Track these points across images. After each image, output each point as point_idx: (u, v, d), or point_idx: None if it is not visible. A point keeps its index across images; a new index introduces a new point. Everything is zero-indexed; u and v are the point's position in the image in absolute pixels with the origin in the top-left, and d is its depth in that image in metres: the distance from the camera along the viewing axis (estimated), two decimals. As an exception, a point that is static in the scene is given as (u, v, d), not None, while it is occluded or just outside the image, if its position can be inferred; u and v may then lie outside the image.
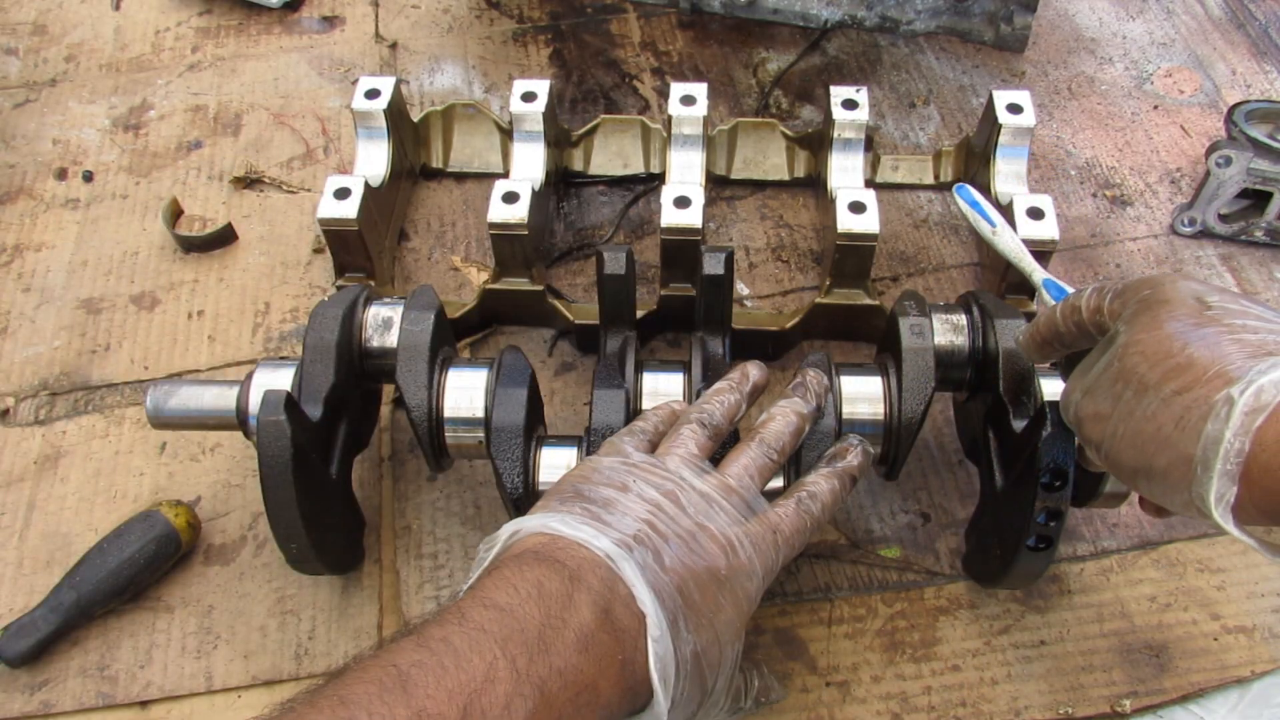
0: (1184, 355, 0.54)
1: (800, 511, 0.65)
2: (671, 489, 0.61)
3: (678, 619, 0.55)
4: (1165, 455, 0.54)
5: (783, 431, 0.69)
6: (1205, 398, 0.52)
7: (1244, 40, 1.26)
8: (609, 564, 0.54)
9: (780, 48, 1.25)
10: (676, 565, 0.56)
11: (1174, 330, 0.55)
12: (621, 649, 0.52)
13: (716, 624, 0.57)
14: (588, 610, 0.51)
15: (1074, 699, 0.79)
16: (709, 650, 0.57)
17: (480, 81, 1.23)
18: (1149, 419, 0.54)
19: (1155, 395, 0.54)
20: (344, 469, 0.81)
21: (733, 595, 0.59)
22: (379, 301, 0.82)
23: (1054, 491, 0.68)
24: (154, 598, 0.84)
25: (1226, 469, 0.50)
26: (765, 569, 0.62)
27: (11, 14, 1.32)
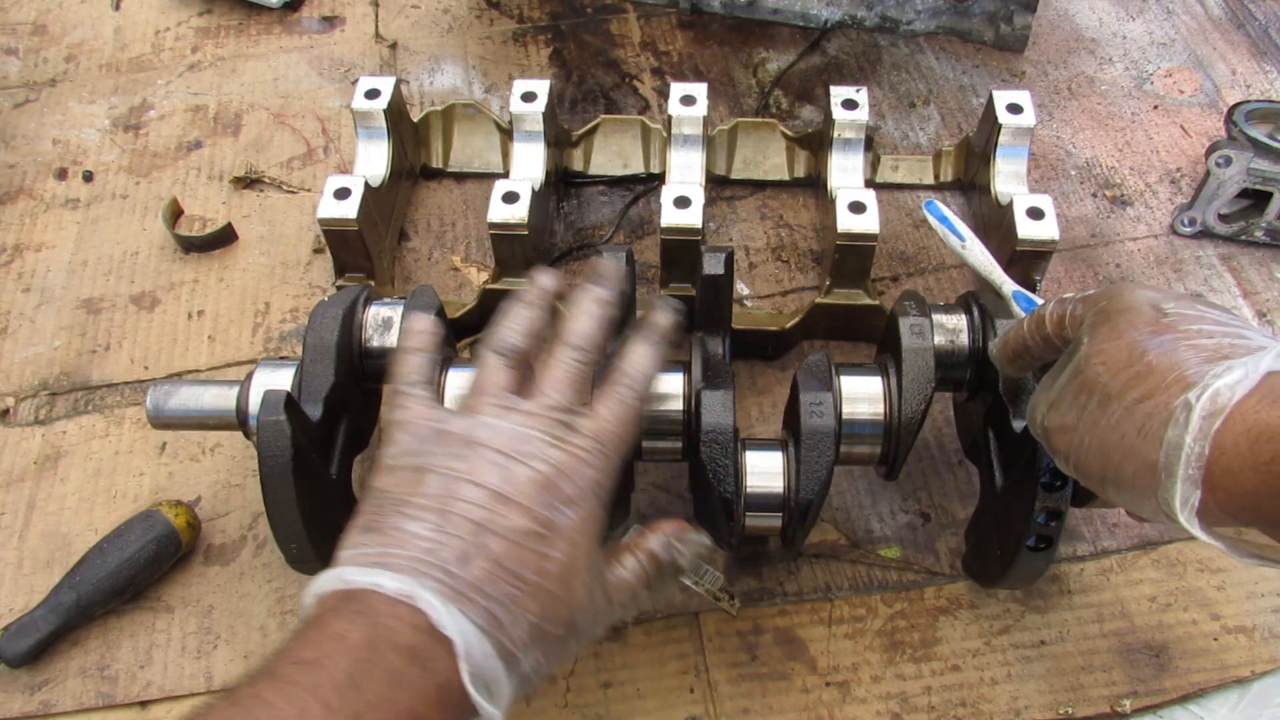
0: (1143, 363, 0.54)
1: (618, 400, 0.62)
2: (463, 463, 0.58)
3: (495, 611, 0.54)
4: (1131, 463, 0.54)
5: (587, 328, 0.64)
6: (1165, 404, 0.52)
7: (1244, 40, 1.26)
8: (405, 601, 0.53)
9: (780, 48, 1.25)
10: (480, 562, 0.55)
11: (1133, 339, 0.56)
12: (435, 674, 0.52)
13: (550, 580, 0.56)
14: (391, 653, 0.51)
15: (1074, 699, 0.79)
16: (551, 609, 0.56)
17: (480, 81, 1.23)
18: (1113, 428, 0.55)
19: (1118, 404, 0.55)
20: (344, 469, 0.81)
21: (565, 535, 0.57)
22: (379, 301, 0.82)
23: (1054, 491, 0.68)
24: (154, 598, 0.84)
25: (1189, 474, 0.51)
26: (597, 481, 0.59)
27: (11, 14, 1.32)
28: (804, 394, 0.75)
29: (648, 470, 0.91)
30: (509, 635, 0.54)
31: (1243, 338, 0.55)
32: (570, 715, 0.79)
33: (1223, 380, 0.50)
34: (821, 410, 0.74)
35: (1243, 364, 0.51)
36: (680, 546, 0.64)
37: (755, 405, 0.95)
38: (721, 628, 0.83)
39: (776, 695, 0.79)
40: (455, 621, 0.52)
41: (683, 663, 0.81)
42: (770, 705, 0.79)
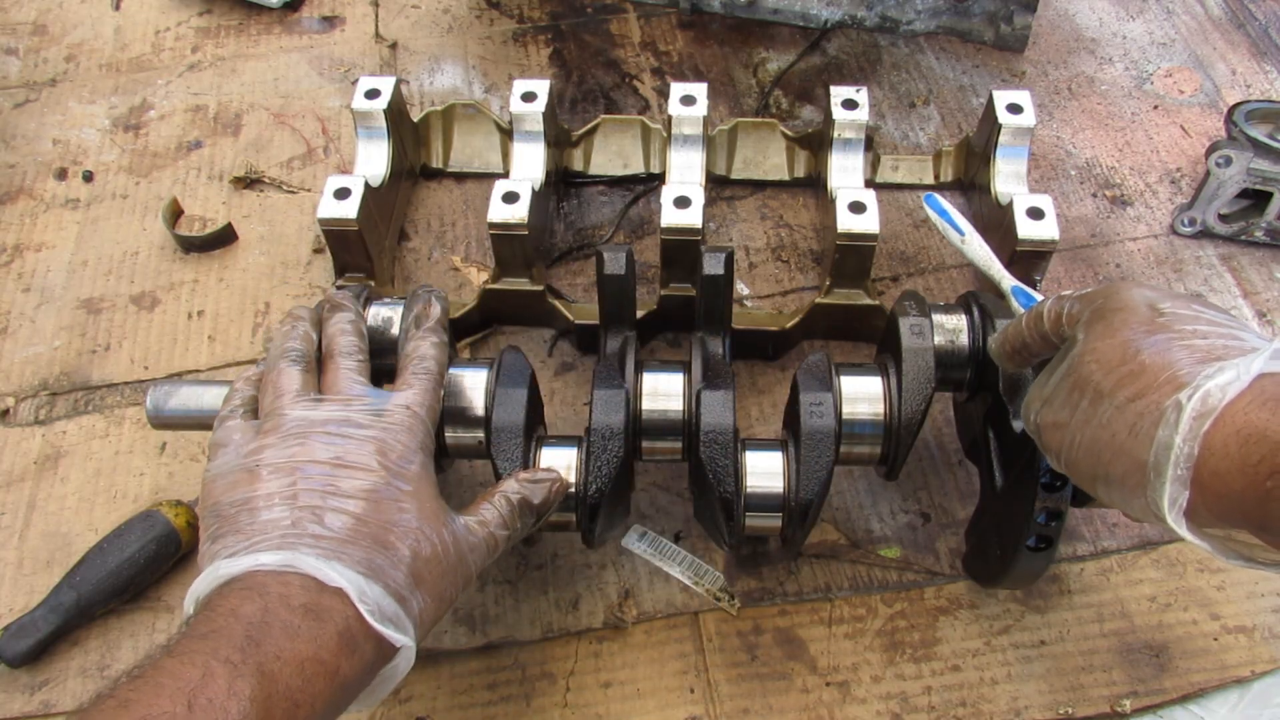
0: (1136, 362, 0.55)
1: (416, 376, 0.69)
2: (295, 449, 0.62)
3: (373, 559, 0.58)
4: (1121, 463, 0.54)
5: (348, 343, 0.71)
6: (1156, 404, 0.52)
7: (1244, 40, 1.26)
8: (288, 569, 0.56)
9: (780, 48, 1.25)
10: (341, 517, 0.59)
11: (1127, 338, 0.56)
12: (334, 622, 0.55)
13: (410, 525, 0.61)
14: (286, 612, 0.54)
15: (1074, 699, 0.79)
16: (420, 550, 0.60)
17: (480, 81, 1.23)
18: (1104, 426, 0.55)
19: (1110, 403, 0.55)
20: (344, 469, 0.81)
21: (409, 487, 0.62)
22: (379, 301, 0.82)
23: (1054, 491, 0.68)
24: (154, 598, 0.84)
25: (1177, 474, 0.51)
26: (421, 442, 0.66)
27: (11, 14, 1.32)
28: (804, 394, 0.75)
29: (648, 470, 0.91)
30: (391, 578, 0.58)
31: (1237, 339, 0.55)
32: (570, 715, 0.79)
33: (1214, 381, 0.50)
34: (821, 410, 0.74)
35: (1235, 365, 0.51)
36: (532, 485, 0.71)
37: (755, 405, 0.95)
38: (721, 628, 0.83)
39: (776, 695, 0.79)
40: (340, 573, 0.56)
41: (683, 663, 0.81)
42: (770, 705, 0.79)
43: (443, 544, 0.63)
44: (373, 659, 0.57)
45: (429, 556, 0.61)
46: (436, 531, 0.62)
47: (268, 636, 0.53)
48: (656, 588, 0.85)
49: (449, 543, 0.63)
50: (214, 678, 0.50)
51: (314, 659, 0.53)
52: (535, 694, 0.80)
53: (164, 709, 0.49)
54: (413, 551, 0.60)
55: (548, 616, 0.83)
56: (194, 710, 0.49)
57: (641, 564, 0.86)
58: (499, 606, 0.84)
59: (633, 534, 0.87)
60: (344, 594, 0.56)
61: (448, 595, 0.63)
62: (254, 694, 0.50)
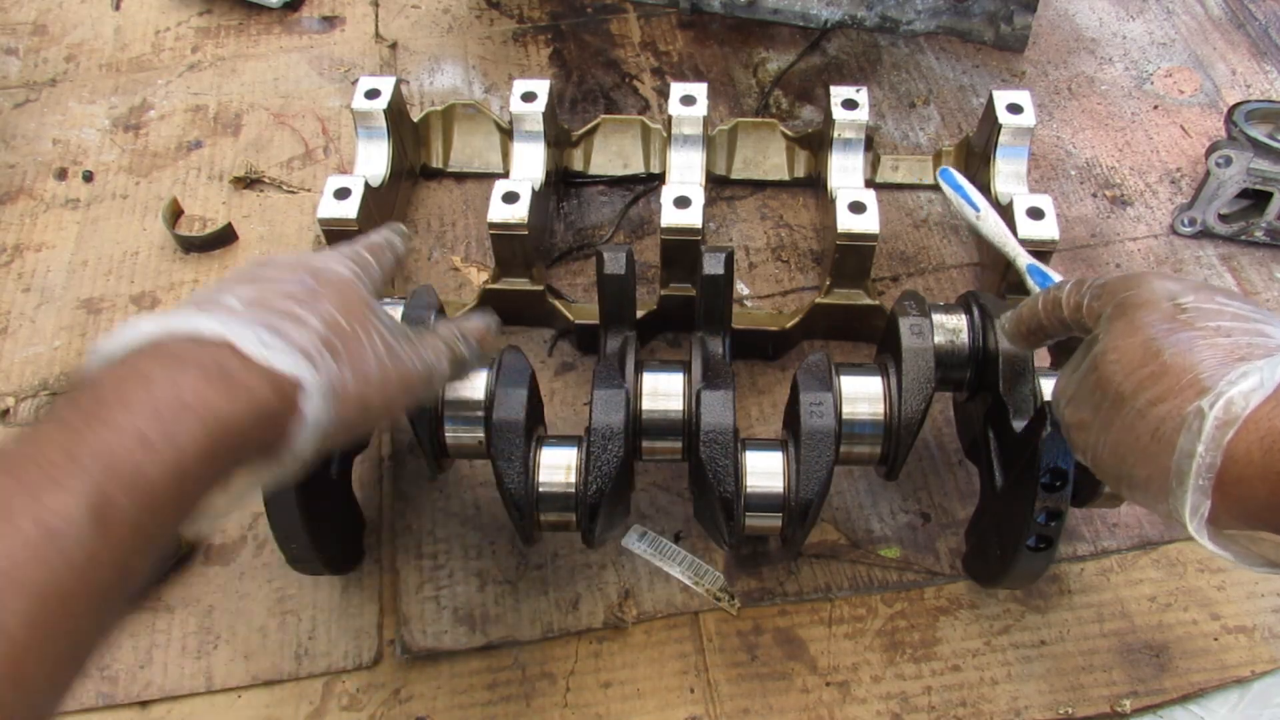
0: (1158, 364, 0.53)
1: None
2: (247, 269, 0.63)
3: (273, 322, 0.55)
4: (1144, 467, 0.54)
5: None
6: (1178, 410, 0.51)
7: (1244, 40, 1.26)
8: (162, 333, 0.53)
9: (780, 48, 1.25)
10: (249, 297, 0.57)
11: (1148, 337, 0.55)
12: (201, 368, 0.51)
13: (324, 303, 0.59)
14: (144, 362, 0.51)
15: (1074, 699, 0.79)
16: (339, 321, 0.58)
17: (480, 81, 1.23)
18: (1127, 429, 0.54)
19: (1132, 405, 0.54)
20: (344, 469, 0.81)
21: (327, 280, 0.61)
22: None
23: (1054, 491, 0.68)
24: (154, 598, 0.84)
25: (1199, 484, 0.50)
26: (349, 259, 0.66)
27: (11, 14, 1.32)
28: (804, 394, 0.75)
29: (648, 470, 0.91)
30: (292, 335, 0.55)
31: (1262, 334, 0.53)
32: (570, 715, 0.79)
33: (1237, 388, 0.49)
34: (821, 410, 0.74)
35: (1259, 369, 0.50)
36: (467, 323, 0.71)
37: (755, 405, 0.95)
38: (721, 628, 0.83)
39: (776, 695, 0.79)
40: (220, 322, 0.53)
41: (683, 663, 0.81)
42: (770, 705, 0.79)
43: (364, 336, 0.60)
44: (267, 400, 0.53)
45: (348, 334, 0.59)
46: (362, 325, 0.60)
47: (119, 394, 0.49)
48: (656, 588, 0.85)
49: (374, 339, 0.61)
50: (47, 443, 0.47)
51: (174, 401, 0.49)
52: (535, 694, 0.80)
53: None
54: (326, 323, 0.58)
55: (548, 616, 0.83)
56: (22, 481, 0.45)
57: (641, 564, 0.86)
58: (499, 606, 0.84)
59: (633, 534, 0.87)
60: (223, 341, 0.53)
61: (375, 381, 0.60)
62: (95, 449, 0.47)
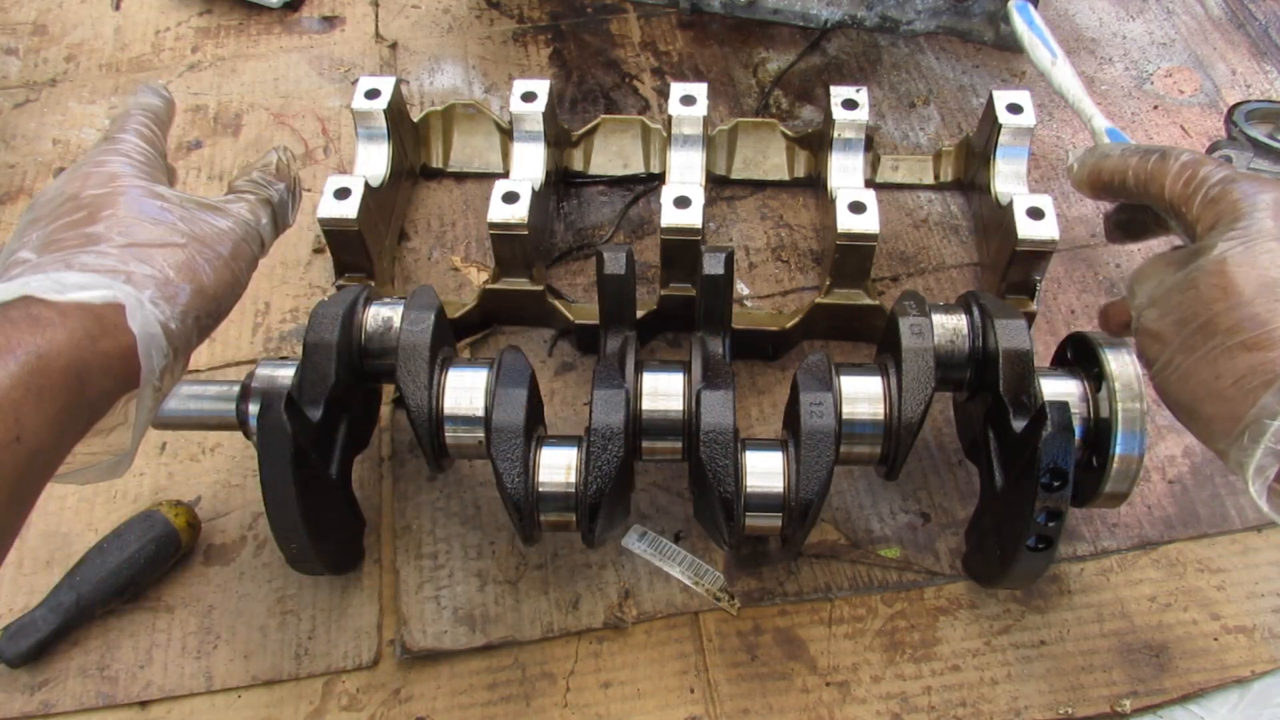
0: (1265, 307, 0.51)
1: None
2: None
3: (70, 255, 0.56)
4: (1214, 406, 0.52)
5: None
6: (1272, 364, 0.49)
7: (1244, 40, 1.26)
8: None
9: (780, 48, 1.25)
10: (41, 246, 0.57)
11: (1268, 279, 0.52)
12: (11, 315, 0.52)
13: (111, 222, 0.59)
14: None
15: (1074, 699, 0.79)
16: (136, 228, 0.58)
17: (480, 81, 1.23)
18: (1209, 363, 0.52)
19: (1223, 340, 0.52)
20: (344, 469, 0.81)
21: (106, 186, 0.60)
22: (379, 301, 0.82)
23: (1054, 491, 0.68)
24: (154, 598, 0.84)
25: (1274, 447, 0.48)
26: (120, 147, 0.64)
27: (11, 14, 1.32)
28: (804, 394, 0.75)
29: (648, 470, 0.91)
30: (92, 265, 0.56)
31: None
32: (570, 715, 0.79)
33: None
34: (821, 410, 0.74)
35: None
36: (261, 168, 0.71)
37: (755, 405, 0.95)
38: (721, 628, 0.83)
39: (776, 695, 0.79)
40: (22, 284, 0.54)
41: (683, 663, 0.81)
42: (770, 705, 0.79)
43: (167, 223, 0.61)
44: (87, 329, 0.54)
45: (148, 231, 0.59)
46: (152, 215, 0.61)
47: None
48: (656, 588, 0.85)
49: (171, 209, 0.61)
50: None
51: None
52: (535, 694, 0.80)
53: None
54: (120, 231, 0.58)
55: (548, 616, 0.83)
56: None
57: (641, 564, 0.86)
58: (499, 606, 0.84)
59: (633, 534, 0.87)
60: (21, 296, 0.53)
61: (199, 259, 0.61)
62: None
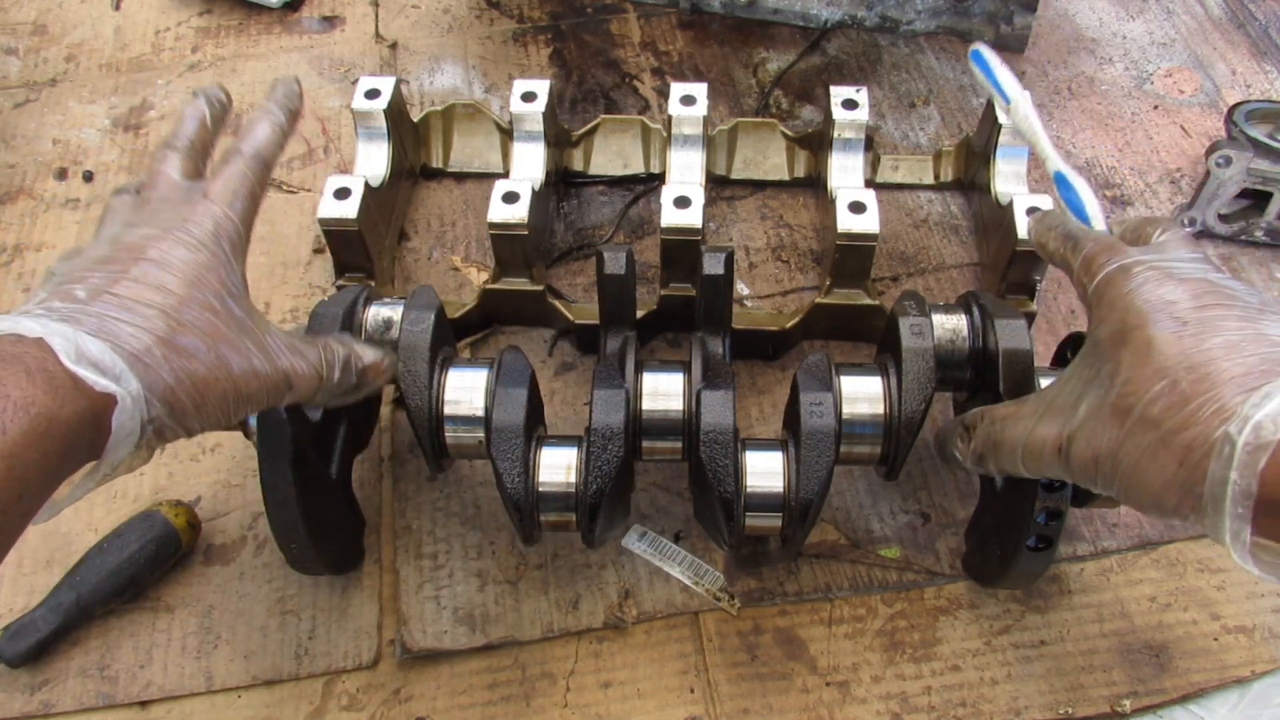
0: (1175, 394, 0.53)
1: (230, 163, 0.67)
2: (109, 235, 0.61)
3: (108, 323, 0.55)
4: (1174, 494, 0.53)
5: (266, 135, 0.70)
6: (1204, 436, 0.51)
7: (1244, 40, 1.26)
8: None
9: (780, 48, 1.25)
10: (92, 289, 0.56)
11: (1159, 366, 0.55)
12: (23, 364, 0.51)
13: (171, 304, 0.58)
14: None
15: (1074, 699, 0.79)
16: (180, 330, 0.57)
17: (480, 81, 1.23)
18: (1152, 458, 0.54)
19: (1155, 434, 0.54)
20: (344, 469, 0.81)
21: (182, 272, 0.59)
22: (379, 301, 0.82)
23: (1054, 491, 0.68)
24: (154, 598, 0.84)
25: (1237, 511, 0.50)
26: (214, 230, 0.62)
27: (11, 14, 1.32)
28: (804, 394, 0.75)
29: (648, 470, 0.91)
30: (123, 335, 0.55)
31: (1269, 341, 0.53)
32: (570, 715, 0.79)
33: (1264, 411, 0.49)
34: (821, 410, 0.74)
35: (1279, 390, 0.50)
36: (361, 348, 0.71)
37: (755, 405, 0.95)
38: (721, 628, 0.83)
39: (776, 695, 0.79)
40: (42, 324, 0.53)
41: (683, 663, 0.81)
42: (770, 705, 0.79)
43: (225, 335, 0.59)
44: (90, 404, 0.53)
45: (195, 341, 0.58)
46: (205, 317, 0.59)
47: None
48: (656, 588, 0.85)
49: (234, 333, 0.60)
50: None
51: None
52: (535, 694, 0.80)
53: None
54: (168, 325, 0.57)
55: (548, 616, 0.83)
56: None
57: (641, 564, 0.86)
58: (499, 606, 0.84)
59: (633, 534, 0.87)
60: (41, 342, 0.52)
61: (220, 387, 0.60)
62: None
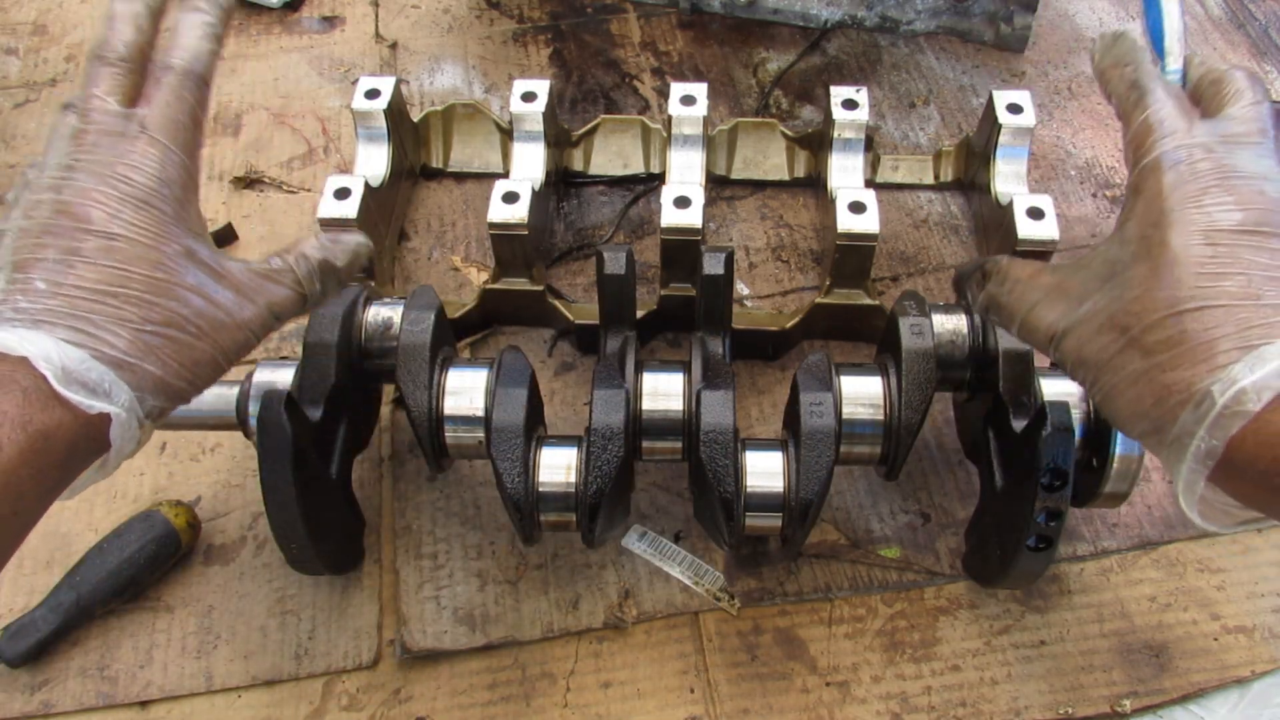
0: (1177, 327, 0.51)
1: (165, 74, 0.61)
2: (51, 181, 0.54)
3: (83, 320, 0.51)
4: (1142, 425, 0.52)
5: (198, 46, 0.63)
6: (1188, 383, 0.49)
7: (1244, 40, 1.26)
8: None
9: (780, 48, 1.25)
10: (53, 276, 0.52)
11: (1171, 295, 0.52)
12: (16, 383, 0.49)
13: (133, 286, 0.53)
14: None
15: (1074, 699, 0.79)
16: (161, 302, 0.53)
17: (480, 81, 1.23)
18: (1132, 383, 0.52)
19: (1143, 361, 0.52)
20: (344, 469, 0.81)
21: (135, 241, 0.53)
22: (379, 301, 0.82)
23: (1054, 491, 0.68)
24: (154, 598, 0.84)
25: (1195, 466, 0.49)
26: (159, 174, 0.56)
27: (11, 14, 1.32)
28: (804, 394, 0.75)
29: (648, 470, 0.91)
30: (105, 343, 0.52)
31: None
32: (570, 715, 0.79)
33: (1252, 378, 0.47)
34: (821, 410, 0.74)
35: (1277, 357, 0.47)
36: (333, 246, 0.63)
37: (755, 405, 0.95)
38: (721, 628, 0.83)
39: (776, 695, 0.79)
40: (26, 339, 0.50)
41: (683, 663, 0.81)
42: (770, 705, 0.79)
43: (187, 297, 0.54)
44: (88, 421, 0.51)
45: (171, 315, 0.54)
46: (178, 281, 0.54)
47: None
48: (656, 588, 0.85)
49: (199, 293, 0.55)
50: None
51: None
52: (535, 694, 0.80)
53: None
54: (143, 311, 0.53)
55: (548, 616, 0.83)
56: None
57: (641, 564, 0.86)
58: (499, 606, 0.84)
59: (633, 534, 0.87)
60: (27, 362, 0.49)
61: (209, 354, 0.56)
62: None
